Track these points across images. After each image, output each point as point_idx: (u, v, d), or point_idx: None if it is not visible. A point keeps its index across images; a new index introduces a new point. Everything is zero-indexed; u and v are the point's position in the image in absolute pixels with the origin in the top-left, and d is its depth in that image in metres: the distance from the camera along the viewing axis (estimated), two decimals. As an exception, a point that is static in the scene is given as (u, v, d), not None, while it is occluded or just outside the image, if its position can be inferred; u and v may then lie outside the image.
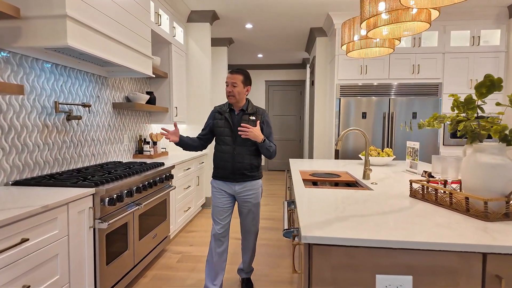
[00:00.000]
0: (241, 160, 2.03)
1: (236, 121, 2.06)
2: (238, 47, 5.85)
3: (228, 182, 2.08)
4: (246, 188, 2.08)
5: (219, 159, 2.08)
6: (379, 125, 4.05)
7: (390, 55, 4.05)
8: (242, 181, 2.07)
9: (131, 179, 2.09)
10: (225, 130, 2.06)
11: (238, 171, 2.04)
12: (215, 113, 2.13)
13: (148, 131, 3.68)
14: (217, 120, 2.10)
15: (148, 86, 3.68)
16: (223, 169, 2.07)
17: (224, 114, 2.08)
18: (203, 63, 4.23)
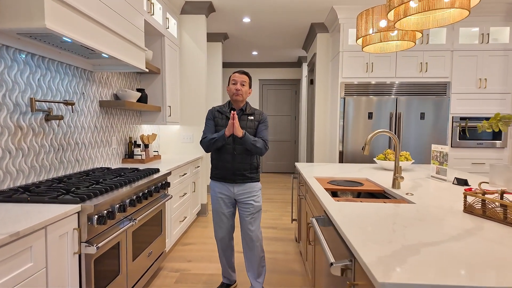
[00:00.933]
0: (241, 160, 2.03)
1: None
2: (233, 43, 5.55)
3: (227, 183, 2.07)
4: (246, 190, 2.07)
5: (218, 159, 2.07)
6: (385, 126, 3.84)
7: (397, 53, 3.85)
8: (241, 183, 2.06)
9: (123, 190, 1.76)
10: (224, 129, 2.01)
11: (238, 171, 2.03)
12: (214, 112, 2.11)
13: (138, 133, 3.33)
14: (217, 119, 2.09)
15: (139, 82, 3.33)
16: (223, 170, 2.05)
17: (225, 113, 2.08)
18: (198, 59, 3.90)
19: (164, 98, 3.33)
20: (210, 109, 2.15)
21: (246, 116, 2.09)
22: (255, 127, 2.09)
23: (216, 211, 2.11)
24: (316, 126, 4.66)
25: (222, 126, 2.06)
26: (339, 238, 1.18)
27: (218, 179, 2.09)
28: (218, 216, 2.11)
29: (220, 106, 2.13)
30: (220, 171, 2.07)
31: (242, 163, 2.03)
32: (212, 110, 2.12)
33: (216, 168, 2.09)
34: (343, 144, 3.90)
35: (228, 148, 2.04)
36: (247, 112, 2.10)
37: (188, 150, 3.94)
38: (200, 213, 3.97)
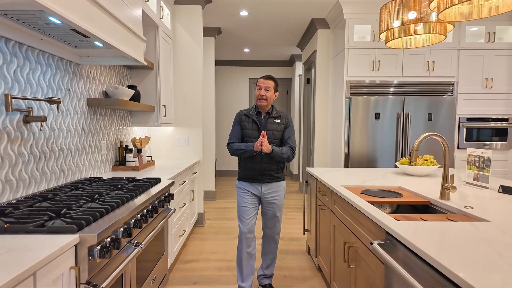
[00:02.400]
0: (268, 160, 2.11)
1: (263, 124, 2.16)
2: (225, 39, 5.22)
3: (255, 183, 2.15)
4: (272, 189, 2.16)
5: (247, 160, 2.14)
6: (393, 127, 3.66)
7: (404, 51, 3.68)
8: (268, 182, 2.14)
9: (126, 209, 1.42)
10: (253, 132, 2.14)
11: (266, 172, 2.11)
12: (241, 116, 2.19)
13: (129, 136, 2.95)
14: (244, 123, 2.16)
15: (129, 79, 2.95)
16: (251, 171, 2.13)
17: (252, 117, 2.15)
18: (194, 54, 3.56)
19: (159, 96, 2.96)
20: (238, 112, 2.23)
21: (272, 119, 2.16)
22: (281, 130, 2.17)
23: (241, 206, 2.18)
24: (317, 128, 4.43)
25: (249, 129, 2.15)
26: (426, 268, 0.92)
27: (247, 179, 2.16)
28: (242, 211, 2.17)
29: (247, 110, 2.21)
30: (248, 172, 2.14)
31: (269, 163, 2.11)
32: (240, 114, 2.21)
33: (244, 169, 2.17)
34: (349, 147, 3.69)
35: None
36: (273, 115, 2.17)
37: (183, 154, 3.58)
38: (197, 223, 3.62)
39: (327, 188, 2.14)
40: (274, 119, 2.15)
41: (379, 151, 3.66)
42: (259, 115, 2.17)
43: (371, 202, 1.69)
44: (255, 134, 2.13)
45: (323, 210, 2.24)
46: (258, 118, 2.16)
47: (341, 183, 2.05)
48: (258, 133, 2.13)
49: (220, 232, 3.39)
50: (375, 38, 3.64)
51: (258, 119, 2.16)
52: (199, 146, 3.59)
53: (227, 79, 6.92)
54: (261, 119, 2.17)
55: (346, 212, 1.74)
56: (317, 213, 2.47)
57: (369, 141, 3.66)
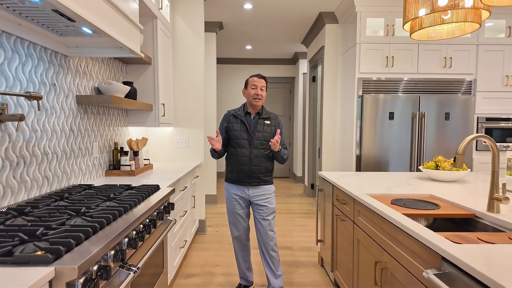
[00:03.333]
0: (257, 163, 2.04)
1: (253, 125, 2.08)
2: (227, 35, 4.98)
3: (243, 186, 2.08)
4: (261, 192, 2.08)
5: (235, 162, 2.07)
6: (408, 127, 3.42)
7: (419, 46, 3.45)
8: (256, 185, 2.07)
9: (119, 226, 1.17)
10: (241, 133, 2.06)
11: (254, 174, 2.04)
12: (229, 117, 2.12)
13: (125, 137, 2.70)
14: (232, 124, 2.09)
15: (125, 74, 2.70)
16: (239, 173, 2.06)
17: (240, 117, 2.08)
18: (195, 49, 3.31)
19: (157, 94, 2.71)
20: (225, 113, 2.16)
21: (262, 120, 2.09)
22: (272, 132, 2.09)
23: (231, 212, 2.13)
24: (324, 129, 4.19)
25: (237, 131, 2.07)
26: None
27: (233, 181, 2.09)
28: (233, 217, 2.13)
29: (235, 110, 2.14)
30: (235, 174, 2.07)
31: (258, 166, 2.04)
32: (227, 115, 2.14)
33: (231, 171, 2.10)
34: (361, 148, 3.45)
35: (244, 151, 2.04)
36: (263, 116, 2.09)
37: (183, 156, 3.33)
38: (198, 231, 3.37)
39: (348, 197, 1.90)
40: (264, 120, 2.09)
41: (393, 153, 3.43)
42: (248, 116, 2.11)
43: (406, 215, 1.45)
44: (244, 135, 2.06)
45: (342, 221, 1.99)
46: (247, 118, 2.09)
47: (365, 191, 1.81)
48: (247, 135, 2.05)
49: (223, 241, 3.14)
50: (388, 32, 3.41)
51: (247, 119, 2.09)
52: (200, 148, 3.35)
53: (227, 78, 6.67)
54: (250, 120, 2.10)
55: (376, 227, 1.49)
56: (333, 223, 2.22)
57: (383, 142, 3.42)
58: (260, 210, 2.08)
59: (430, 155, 3.43)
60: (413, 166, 3.43)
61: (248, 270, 2.22)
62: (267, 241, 2.08)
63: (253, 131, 2.06)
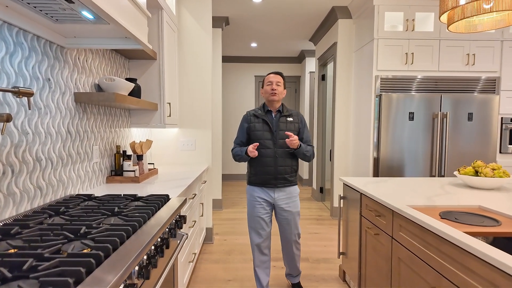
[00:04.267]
0: (283, 163, 1.96)
1: (275, 123, 2.01)
2: (232, 31, 4.75)
3: (268, 188, 2.00)
4: (286, 195, 2.00)
5: (259, 164, 1.98)
6: (429, 128, 3.21)
7: (441, 42, 3.24)
8: (282, 187, 1.99)
9: (127, 250, 0.94)
10: (264, 133, 1.98)
11: (280, 175, 1.97)
12: (250, 117, 2.05)
13: (128, 139, 2.47)
14: (253, 124, 2.01)
15: (127, 71, 2.47)
16: (264, 174, 1.97)
17: (262, 117, 2.01)
18: (202, 44, 3.08)
19: (162, 92, 2.48)
20: (245, 114, 2.09)
21: (284, 118, 2.02)
22: (295, 129, 2.02)
23: (253, 216, 2.02)
24: (337, 130, 3.97)
25: (260, 131, 1.99)
26: None
27: (258, 184, 2.00)
28: (255, 221, 2.01)
29: (255, 110, 2.07)
30: (260, 176, 1.98)
31: (284, 166, 1.96)
32: (247, 115, 2.06)
33: (255, 173, 2.00)
34: (379, 151, 3.23)
35: (268, 151, 1.96)
36: (285, 113, 2.03)
37: (189, 159, 3.10)
38: (206, 240, 3.14)
39: (384, 208, 1.67)
40: (286, 117, 2.02)
41: (413, 157, 3.21)
42: (269, 114, 2.04)
43: (466, 233, 1.23)
44: (267, 135, 1.98)
45: (375, 235, 1.77)
46: (268, 117, 2.02)
47: (403, 201, 1.59)
48: (270, 134, 1.98)
49: (233, 251, 2.91)
50: (408, 28, 3.20)
51: (268, 118, 2.02)
52: (207, 151, 3.12)
53: (231, 76, 6.44)
54: (272, 118, 2.03)
55: (430, 247, 1.27)
56: (362, 236, 2.00)
57: (402, 144, 3.20)
58: (283, 216, 2.02)
59: (452, 158, 3.22)
60: (434, 170, 3.21)
61: (266, 275, 2.08)
62: (291, 244, 2.07)
63: (276, 130, 1.98)
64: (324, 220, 3.92)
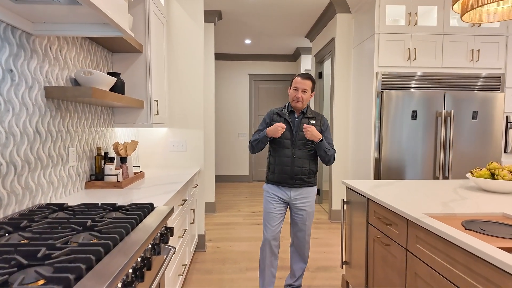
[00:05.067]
0: (300, 164, 1.96)
1: (297, 124, 2.00)
2: (225, 27, 4.55)
3: (284, 187, 2.01)
4: (302, 195, 2.01)
5: (277, 162, 2.00)
6: (431, 128, 3.06)
7: (444, 37, 3.10)
8: (299, 187, 1.99)
9: (97, 276, 0.74)
10: (284, 132, 1.97)
11: (297, 175, 1.96)
12: (273, 115, 2.05)
13: (111, 140, 2.25)
14: (275, 122, 2.00)
15: (110, 65, 2.26)
16: (281, 173, 1.98)
17: (284, 116, 2.01)
18: (193, 38, 2.88)
19: (149, 88, 2.28)
20: (269, 111, 2.10)
21: (307, 120, 2.01)
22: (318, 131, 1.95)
23: (268, 212, 2.03)
24: (335, 129, 3.80)
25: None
26: None
27: (275, 182, 2.01)
28: (269, 217, 2.02)
29: (279, 108, 2.07)
30: (277, 175, 1.99)
31: (301, 167, 1.96)
32: (271, 113, 2.07)
33: (273, 171, 2.02)
34: (380, 151, 3.07)
35: (286, 151, 1.97)
36: (308, 115, 2.02)
37: (179, 161, 2.89)
38: (197, 248, 2.93)
39: (396, 216, 1.50)
40: (308, 119, 2.01)
41: (416, 157, 3.06)
42: (292, 115, 2.02)
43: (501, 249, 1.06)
44: (287, 135, 1.97)
45: (386, 245, 1.59)
46: (291, 117, 2.01)
47: (418, 208, 1.42)
48: (290, 134, 1.97)
49: (227, 260, 2.71)
50: (410, 22, 3.04)
51: (291, 118, 2.00)
52: (199, 152, 2.91)
53: (224, 74, 6.24)
54: (294, 118, 2.01)
55: (457, 264, 1.10)
56: (369, 245, 1.82)
57: (405, 144, 3.05)
58: (299, 215, 2.01)
59: (457, 159, 3.07)
60: (437, 171, 3.07)
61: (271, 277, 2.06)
62: (303, 245, 2.07)
63: (297, 131, 1.98)
64: (323, 223, 3.75)
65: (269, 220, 2.00)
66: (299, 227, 2.03)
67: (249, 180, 6.39)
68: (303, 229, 2.03)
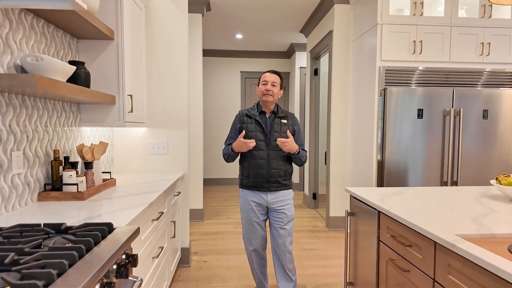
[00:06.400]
0: (276, 166, 1.88)
1: (269, 124, 1.92)
2: (215, 19, 4.24)
3: (260, 192, 1.91)
4: (279, 198, 1.91)
5: (251, 166, 1.89)
6: (438, 128, 2.80)
7: (452, 29, 2.84)
8: (275, 190, 1.90)
9: None
10: (257, 134, 1.89)
11: (273, 178, 1.88)
12: (243, 117, 1.95)
13: (75, 141, 1.92)
14: (246, 124, 1.91)
15: (75, 53, 1.93)
16: (257, 177, 1.88)
17: (255, 117, 1.91)
18: (176, 27, 2.56)
19: (122, 81, 1.95)
20: (237, 114, 2.00)
21: (279, 119, 1.93)
22: (290, 131, 1.92)
23: (247, 220, 1.94)
24: (333, 128, 3.52)
25: (252, 132, 1.89)
26: None
27: (250, 187, 1.92)
28: (250, 226, 1.93)
29: (248, 109, 1.98)
30: (252, 179, 1.90)
31: (277, 169, 1.88)
32: (240, 115, 1.97)
33: (247, 176, 1.92)
34: (383, 153, 2.80)
35: (261, 153, 1.88)
36: (280, 114, 1.94)
37: (159, 166, 2.57)
38: (181, 263, 2.61)
39: (419, 237, 1.21)
40: (280, 119, 1.92)
41: (422, 160, 2.79)
42: (262, 115, 1.93)
43: None
44: (260, 136, 1.88)
45: (405, 272, 1.30)
46: (262, 118, 1.92)
47: (446, 227, 1.13)
48: (263, 135, 1.88)
49: (214, 278, 2.40)
50: (416, 12, 2.78)
51: (262, 119, 1.92)
52: (183, 155, 2.60)
53: (215, 72, 5.92)
54: (265, 119, 1.93)
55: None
56: (380, 267, 1.53)
57: (410, 146, 2.78)
58: (278, 218, 1.91)
59: (466, 162, 2.81)
60: (445, 175, 2.80)
61: (265, 281, 2.05)
62: (284, 253, 1.91)
63: (270, 131, 1.88)
64: (320, 232, 3.46)
65: (250, 229, 1.92)
66: (279, 232, 1.91)
67: (233, 183, 6.07)
68: (283, 234, 1.90)
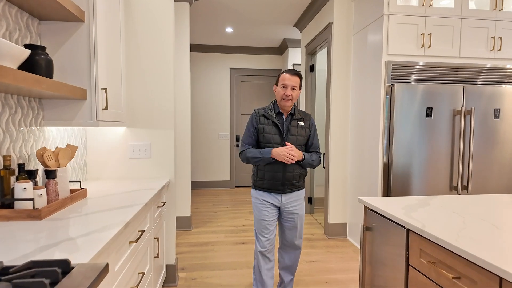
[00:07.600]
0: (292, 169, 1.86)
1: (286, 127, 1.88)
2: (203, 9, 3.92)
3: (275, 193, 1.90)
4: (292, 198, 1.93)
5: (266, 169, 1.86)
6: (447, 128, 2.59)
7: (462, 21, 2.63)
8: (289, 192, 1.91)
9: None
10: (274, 136, 1.84)
11: (288, 181, 1.87)
12: (259, 117, 1.88)
13: (35, 144, 1.59)
14: (263, 125, 1.86)
15: (36, 36, 1.59)
16: (272, 180, 1.86)
17: (272, 118, 1.86)
18: (161, 14, 2.25)
19: (94, 72, 1.63)
20: (253, 112, 1.92)
21: (296, 122, 1.88)
22: (306, 134, 1.90)
23: (259, 220, 1.91)
24: (332, 128, 3.27)
25: (269, 134, 1.84)
26: None
27: (265, 189, 1.89)
28: (262, 225, 1.90)
29: (265, 109, 1.91)
30: (268, 181, 1.87)
31: (292, 172, 1.86)
32: (256, 115, 1.89)
33: (262, 178, 1.89)
34: (390, 154, 2.56)
35: None
36: (297, 116, 1.89)
37: (141, 171, 2.25)
38: (166, 282, 2.29)
39: (474, 268, 0.95)
40: (297, 121, 1.89)
41: (431, 162, 2.57)
42: (279, 116, 1.88)
43: None
44: (277, 139, 1.84)
45: (450, 308, 1.04)
46: (279, 120, 1.87)
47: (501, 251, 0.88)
48: (280, 138, 1.84)
49: (205, 298, 2.10)
50: (425, 2, 2.55)
51: (279, 121, 1.87)
52: (168, 158, 2.28)
53: (203, 68, 5.59)
54: (283, 121, 1.88)
55: None
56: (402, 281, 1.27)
57: (419, 147, 2.55)
58: (290, 218, 1.94)
59: (477, 165, 2.61)
60: (455, 180, 2.59)
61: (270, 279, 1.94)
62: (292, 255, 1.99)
63: (287, 134, 1.84)
64: (318, 240, 3.21)
65: (262, 228, 1.89)
66: (291, 231, 1.96)
67: (231, 186, 5.77)
68: (294, 232, 1.96)
